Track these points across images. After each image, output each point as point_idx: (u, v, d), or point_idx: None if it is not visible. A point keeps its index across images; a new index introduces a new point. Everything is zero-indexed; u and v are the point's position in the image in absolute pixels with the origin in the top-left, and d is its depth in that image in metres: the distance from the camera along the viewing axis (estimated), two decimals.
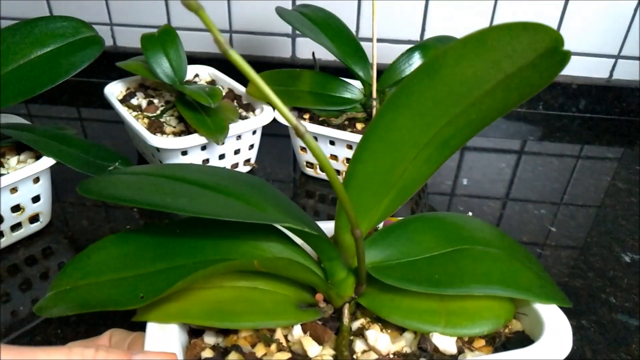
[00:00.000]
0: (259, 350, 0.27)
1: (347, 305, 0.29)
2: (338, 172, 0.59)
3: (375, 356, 0.27)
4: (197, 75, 0.69)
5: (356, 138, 0.53)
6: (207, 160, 0.56)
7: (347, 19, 0.72)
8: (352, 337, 0.28)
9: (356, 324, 0.29)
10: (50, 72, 0.44)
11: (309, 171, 0.61)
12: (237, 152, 0.58)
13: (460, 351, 0.27)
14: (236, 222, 0.29)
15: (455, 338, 0.27)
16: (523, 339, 0.27)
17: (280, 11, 0.58)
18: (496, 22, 0.76)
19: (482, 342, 0.28)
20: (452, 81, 0.24)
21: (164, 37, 0.58)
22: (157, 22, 0.81)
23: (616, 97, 0.79)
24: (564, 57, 0.22)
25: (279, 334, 0.28)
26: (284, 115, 0.21)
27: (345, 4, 0.76)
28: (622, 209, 0.58)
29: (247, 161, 0.60)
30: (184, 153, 0.53)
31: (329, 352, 0.27)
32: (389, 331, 0.29)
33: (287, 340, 0.28)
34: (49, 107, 0.78)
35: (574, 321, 0.43)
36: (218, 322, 0.27)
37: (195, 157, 0.54)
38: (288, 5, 0.75)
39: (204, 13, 0.18)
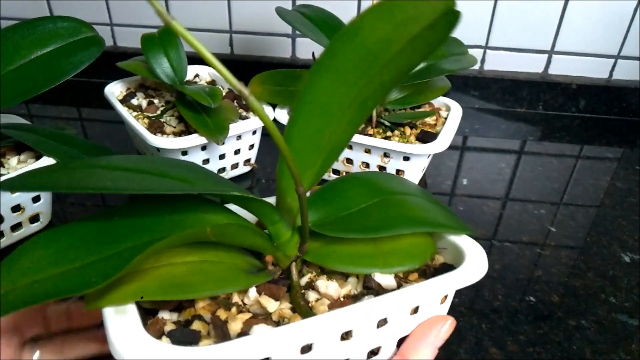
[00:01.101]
0: (221, 316, 0.28)
1: (294, 264, 0.32)
2: (338, 172, 0.59)
3: (328, 302, 0.30)
4: (197, 75, 0.69)
5: (356, 138, 0.53)
6: (207, 161, 0.56)
7: (347, 19, 0.72)
8: (303, 291, 0.31)
9: (304, 280, 0.32)
10: (50, 72, 0.44)
11: None
12: (237, 152, 0.58)
13: (399, 285, 0.31)
14: (180, 202, 0.30)
15: (393, 275, 0.31)
16: (450, 268, 0.31)
17: (280, 11, 0.58)
18: (496, 22, 0.76)
19: (416, 275, 0.32)
20: (369, 43, 0.27)
21: (164, 37, 0.58)
22: (157, 22, 0.81)
23: (616, 97, 0.79)
24: (456, 15, 0.26)
25: (236, 299, 0.29)
26: (222, 73, 0.21)
27: (345, 4, 0.76)
28: (622, 209, 0.58)
29: (247, 161, 0.61)
30: (184, 153, 0.53)
31: (286, 305, 0.29)
32: (334, 280, 0.31)
33: (245, 304, 0.29)
34: (49, 107, 0.78)
35: (574, 321, 0.43)
36: (179, 295, 0.27)
37: (195, 157, 0.54)
38: (288, 5, 0.75)
39: None
